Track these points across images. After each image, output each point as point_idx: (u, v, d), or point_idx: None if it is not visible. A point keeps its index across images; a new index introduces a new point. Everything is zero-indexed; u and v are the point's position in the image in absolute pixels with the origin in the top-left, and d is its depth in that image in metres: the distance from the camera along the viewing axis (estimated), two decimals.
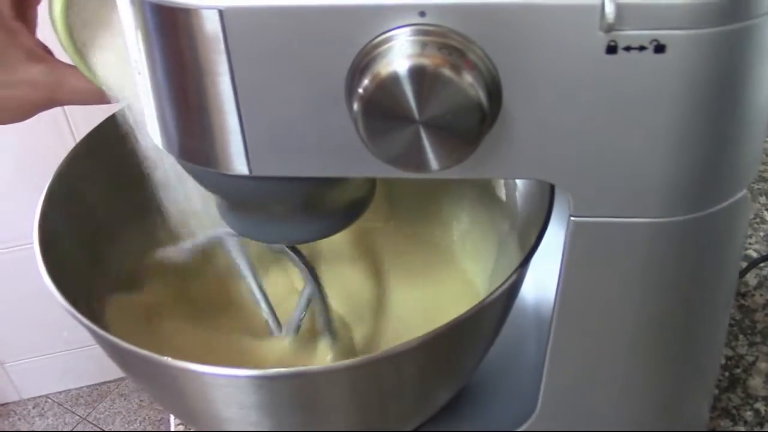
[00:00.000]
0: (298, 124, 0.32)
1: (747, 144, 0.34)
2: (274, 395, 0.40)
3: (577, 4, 0.29)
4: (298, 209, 0.40)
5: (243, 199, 0.40)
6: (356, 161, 0.33)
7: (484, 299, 0.38)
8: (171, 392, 0.41)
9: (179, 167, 0.40)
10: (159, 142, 0.37)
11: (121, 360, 0.41)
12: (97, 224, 0.48)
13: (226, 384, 0.39)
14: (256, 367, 0.42)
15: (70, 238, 0.45)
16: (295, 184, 0.37)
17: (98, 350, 0.39)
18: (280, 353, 0.50)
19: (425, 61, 0.29)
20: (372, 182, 0.42)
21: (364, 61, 0.30)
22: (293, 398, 0.40)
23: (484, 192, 0.49)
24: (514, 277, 0.38)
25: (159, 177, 0.45)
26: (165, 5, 0.31)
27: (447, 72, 0.29)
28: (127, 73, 0.42)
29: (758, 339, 0.59)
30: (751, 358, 0.57)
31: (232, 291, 0.52)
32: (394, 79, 0.29)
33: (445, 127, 0.30)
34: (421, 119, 0.30)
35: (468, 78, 0.29)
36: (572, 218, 0.35)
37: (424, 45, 0.29)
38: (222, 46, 0.31)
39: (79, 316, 0.38)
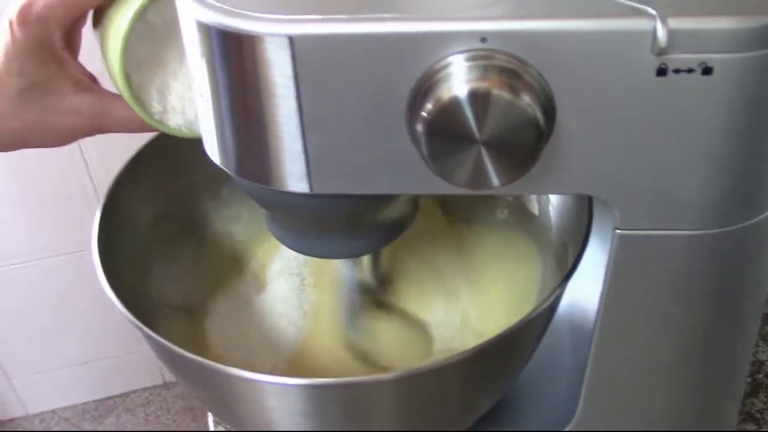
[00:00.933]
0: (360, 145, 0.34)
1: None
2: (321, 403, 0.41)
3: (630, 30, 0.30)
4: (348, 225, 0.42)
5: (297, 215, 0.41)
6: (415, 179, 0.34)
7: (528, 314, 0.39)
8: (224, 398, 0.42)
9: None
10: (217, 161, 0.38)
11: (176, 368, 0.42)
12: (148, 239, 0.49)
13: (277, 392, 0.40)
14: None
15: (122, 252, 0.46)
16: (349, 201, 0.38)
17: (104, 365, 0.39)
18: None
19: (485, 85, 0.31)
20: (416, 202, 0.44)
21: (426, 84, 0.32)
22: (340, 406, 0.42)
23: (517, 207, 0.51)
24: (557, 291, 0.40)
25: None
26: (234, 32, 0.32)
27: (506, 94, 0.31)
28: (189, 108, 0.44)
29: None
30: None
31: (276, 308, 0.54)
32: (455, 102, 0.31)
33: (505, 145, 0.31)
34: (482, 139, 0.31)
35: (526, 98, 0.31)
36: (617, 231, 0.36)
37: (484, 69, 0.31)
38: (290, 71, 0.32)
39: (140, 324, 0.39)
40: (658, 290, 0.38)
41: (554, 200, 0.49)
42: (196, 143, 0.43)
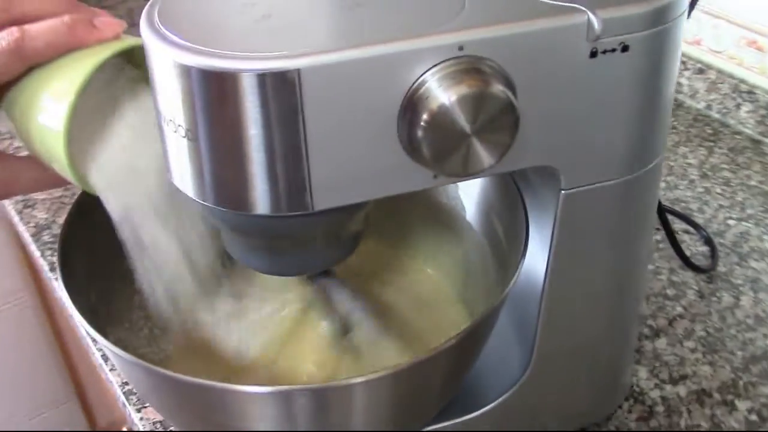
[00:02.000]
0: (357, 158, 0.38)
1: (668, 114, 0.45)
2: (292, 408, 0.44)
3: (570, 24, 0.37)
4: (317, 241, 0.45)
5: (276, 236, 0.43)
6: (404, 179, 0.39)
7: (495, 304, 0.44)
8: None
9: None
10: (192, 193, 0.39)
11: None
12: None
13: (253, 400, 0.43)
14: None
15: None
16: (324, 216, 0.41)
17: None
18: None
19: (464, 88, 0.36)
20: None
21: (415, 96, 0.36)
22: (314, 411, 0.44)
23: (432, 200, 0.57)
24: (513, 280, 0.45)
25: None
26: (248, 72, 0.34)
27: (483, 89, 0.36)
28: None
29: None
30: None
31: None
32: (445, 109, 0.36)
33: (492, 130, 0.37)
34: (473, 131, 0.37)
35: (499, 87, 0.36)
36: (563, 192, 0.43)
37: (459, 74, 0.36)
38: (296, 101, 0.35)
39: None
40: (595, 236, 0.46)
41: (462, 184, 0.56)
42: None
